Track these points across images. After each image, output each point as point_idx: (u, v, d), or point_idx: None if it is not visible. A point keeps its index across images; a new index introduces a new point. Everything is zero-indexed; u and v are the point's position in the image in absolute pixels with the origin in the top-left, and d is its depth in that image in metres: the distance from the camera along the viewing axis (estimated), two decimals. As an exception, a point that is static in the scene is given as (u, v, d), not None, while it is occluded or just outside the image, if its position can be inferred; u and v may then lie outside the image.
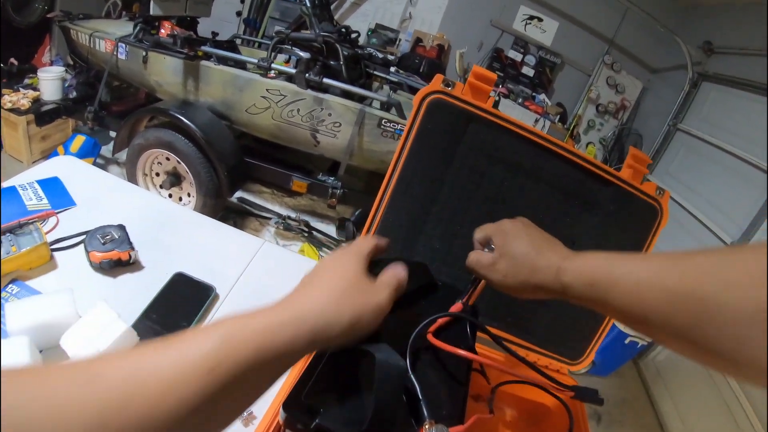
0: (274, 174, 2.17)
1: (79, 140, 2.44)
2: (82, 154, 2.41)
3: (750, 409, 1.95)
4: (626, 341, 2.28)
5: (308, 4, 2.17)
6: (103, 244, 0.79)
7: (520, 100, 3.09)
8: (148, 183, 2.22)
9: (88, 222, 0.85)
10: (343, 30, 2.28)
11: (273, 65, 2.01)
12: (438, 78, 0.68)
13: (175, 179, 2.14)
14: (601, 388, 0.64)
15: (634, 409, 2.40)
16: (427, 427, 0.38)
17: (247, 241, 1.00)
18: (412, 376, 0.42)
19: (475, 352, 0.50)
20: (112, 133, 2.62)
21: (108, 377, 0.26)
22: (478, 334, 0.56)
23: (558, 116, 3.18)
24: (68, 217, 0.88)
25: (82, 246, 0.82)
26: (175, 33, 2.26)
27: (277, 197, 2.50)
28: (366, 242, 0.44)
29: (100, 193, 0.97)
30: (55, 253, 0.80)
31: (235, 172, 2.06)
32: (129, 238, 0.82)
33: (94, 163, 2.46)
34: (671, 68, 3.35)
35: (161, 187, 2.18)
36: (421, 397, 0.40)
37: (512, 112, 3.01)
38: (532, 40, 3.31)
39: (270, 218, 2.31)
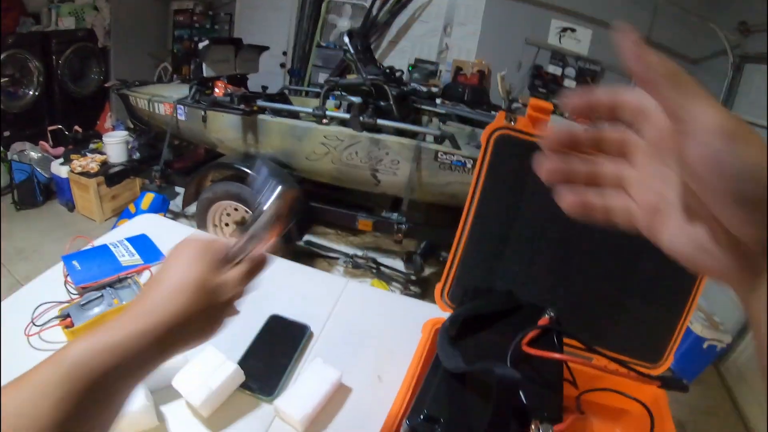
0: (340, 216, 2.24)
1: (149, 197, 2.60)
2: (152, 211, 2.57)
3: None
4: (704, 346, 2.20)
5: (352, 51, 2.29)
6: None
7: (567, 114, 3.08)
8: (218, 233, 2.34)
9: None
10: (388, 70, 2.38)
11: (328, 112, 2.11)
12: (501, 115, 0.74)
13: (245, 228, 2.23)
14: (682, 396, 0.64)
15: (719, 417, 2.31)
16: (533, 427, 0.43)
17: (332, 281, 1.06)
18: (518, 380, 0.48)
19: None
20: (177, 189, 2.79)
21: None
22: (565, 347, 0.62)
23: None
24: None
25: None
26: (230, 91, 2.42)
27: (342, 237, 2.58)
28: (204, 239, 0.43)
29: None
30: None
31: (300, 217, 2.15)
32: None
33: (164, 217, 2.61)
34: (711, 56, 3.28)
35: (232, 236, 2.28)
36: (525, 401, 0.46)
37: (560, 126, 3.00)
38: (568, 51, 3.33)
39: (338, 258, 2.38)
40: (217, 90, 2.54)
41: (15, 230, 2.58)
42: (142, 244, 1.00)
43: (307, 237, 2.38)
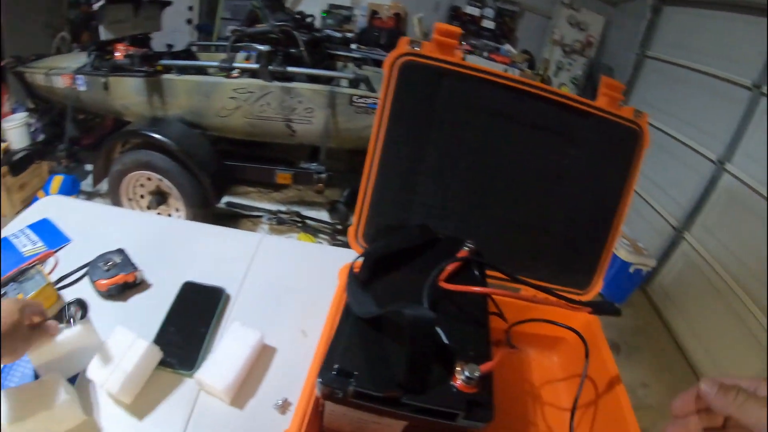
0: (257, 171, 2.16)
1: (57, 180, 2.41)
2: (63, 194, 2.39)
3: (759, 314, 2.00)
4: (631, 270, 2.31)
5: (258, -2, 2.14)
6: (107, 271, 0.80)
7: (485, 54, 3.08)
8: (134, 207, 2.21)
9: (87, 254, 0.86)
10: (298, 16, 2.25)
11: (235, 64, 1.98)
12: (403, 40, 0.69)
13: (160, 198, 2.13)
14: (613, 319, 0.66)
15: (650, 335, 2.46)
16: (459, 368, 0.40)
17: (246, 238, 1.01)
18: (436, 327, 0.44)
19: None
20: (89, 167, 2.59)
21: None
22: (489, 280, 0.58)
23: (526, 63, 3.18)
24: (66, 254, 0.90)
25: (86, 278, 0.83)
26: (131, 53, 2.23)
27: (264, 194, 2.51)
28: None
29: (91, 224, 0.98)
30: (62, 291, 0.81)
31: (217, 177, 2.05)
32: (131, 260, 0.83)
33: (77, 199, 2.44)
34: (630, -1, 3.33)
35: (148, 208, 2.17)
36: (447, 342, 0.42)
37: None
38: (486, -9, 3.28)
39: (261, 216, 2.31)
40: (117, 53, 2.33)
41: None
42: (45, 229, 0.94)
43: (227, 198, 2.29)
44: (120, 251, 0.85)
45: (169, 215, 2.18)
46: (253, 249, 0.97)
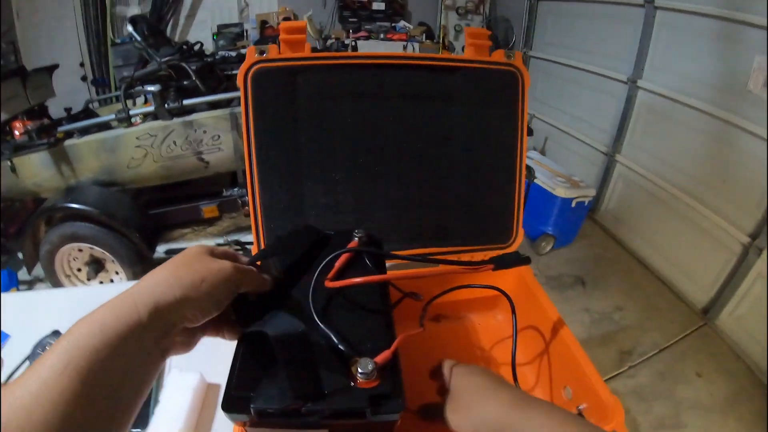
0: (183, 213, 2.12)
1: (-7, 278, 2.31)
2: (5, 290, 2.29)
3: (705, 209, 2.09)
4: (573, 205, 2.37)
5: (139, 38, 2.08)
6: None
7: (382, 36, 3.09)
8: (75, 282, 2.14)
9: (29, 344, 0.86)
10: (184, 47, 2.20)
11: (131, 112, 1.93)
12: (250, 50, 0.69)
13: (97, 266, 2.07)
14: (571, 255, 0.67)
15: (611, 260, 2.53)
16: (352, 367, 0.39)
17: None
18: (322, 326, 0.43)
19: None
20: (21, 255, 2.49)
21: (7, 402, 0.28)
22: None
23: (423, 35, 3.19)
24: (9, 350, 0.89)
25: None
26: (28, 128, 2.14)
27: (200, 232, 2.46)
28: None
29: (26, 314, 0.98)
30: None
31: (145, 230, 2.00)
32: None
33: (18, 291, 2.34)
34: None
35: (88, 279, 2.11)
36: (337, 341, 0.41)
37: (379, 49, 3.00)
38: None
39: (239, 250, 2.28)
40: (16, 132, 2.24)
41: None
42: None
43: (165, 246, 2.24)
44: (55, 333, 0.85)
45: (111, 280, 2.13)
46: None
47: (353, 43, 2.78)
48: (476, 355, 0.81)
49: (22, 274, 2.45)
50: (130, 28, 2.15)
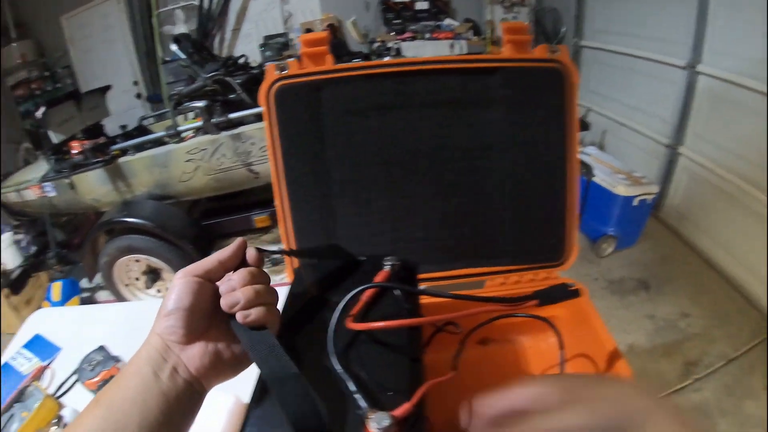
0: (235, 222, 2.17)
1: (57, 287, 2.43)
2: (66, 298, 2.41)
3: None
4: (635, 203, 2.23)
5: (183, 56, 2.14)
6: (92, 370, 0.86)
7: (427, 35, 3.03)
8: (134, 291, 2.22)
9: (78, 357, 0.91)
10: (229, 61, 2.24)
11: (179, 128, 1.98)
12: (269, 67, 0.66)
13: (154, 275, 2.14)
14: (635, 257, 0.59)
15: (678, 262, 2.36)
16: (366, 421, 0.35)
17: None
18: (341, 372, 0.39)
19: (418, 315, 0.47)
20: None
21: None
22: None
23: (470, 31, 3.11)
24: (59, 363, 0.94)
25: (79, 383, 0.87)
26: (84, 147, 2.25)
27: (255, 239, 2.49)
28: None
29: (76, 327, 1.03)
30: (63, 399, 0.85)
31: (198, 241, 2.05)
32: (111, 355, 0.88)
33: (81, 300, 2.46)
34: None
35: (146, 288, 2.19)
36: (354, 390, 0.38)
37: (425, 49, 2.95)
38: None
39: (267, 261, 2.30)
40: (74, 151, 2.36)
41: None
42: (37, 344, 1.00)
43: None
44: (101, 348, 0.90)
45: (167, 289, 2.19)
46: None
47: (398, 46, 2.74)
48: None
49: (84, 283, 2.58)
50: (174, 47, 2.21)
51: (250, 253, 0.41)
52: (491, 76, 0.67)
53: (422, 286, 0.52)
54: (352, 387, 0.38)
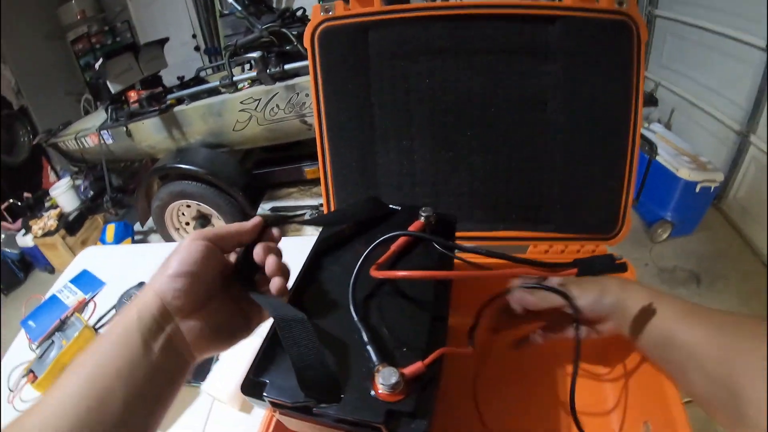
0: (286, 173, 2.20)
1: (111, 229, 2.56)
2: (119, 239, 2.53)
3: None
4: (697, 189, 2.08)
5: (239, 8, 2.14)
6: None
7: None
8: (184, 236, 2.29)
9: (120, 293, 0.97)
10: (287, 13, 2.23)
11: (235, 78, 2.00)
12: (315, 8, 0.63)
13: (204, 221, 2.21)
14: (689, 247, 0.53)
15: (733, 258, 2.20)
16: (375, 374, 0.33)
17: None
18: (357, 321, 0.38)
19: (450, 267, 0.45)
20: (138, 209, 2.73)
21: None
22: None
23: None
24: (102, 297, 1.01)
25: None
26: (141, 97, 2.32)
27: (305, 192, 2.51)
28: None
29: (122, 266, 1.08)
30: (101, 330, 0.90)
31: (248, 190, 2.10)
32: None
33: (133, 242, 2.58)
34: None
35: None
36: (367, 340, 0.36)
37: None
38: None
39: (304, 214, 2.32)
40: (131, 100, 2.43)
41: (10, 318, 2.46)
42: (84, 279, 1.06)
43: (271, 204, 2.32)
44: (141, 284, 0.94)
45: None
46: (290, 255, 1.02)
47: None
48: (548, 368, 0.66)
49: (138, 227, 2.69)
50: (230, -1, 2.21)
51: (277, 232, 0.42)
52: (551, 24, 0.61)
53: (459, 243, 0.49)
54: (365, 338, 0.37)
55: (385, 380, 0.33)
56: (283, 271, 0.39)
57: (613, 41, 0.61)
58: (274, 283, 0.37)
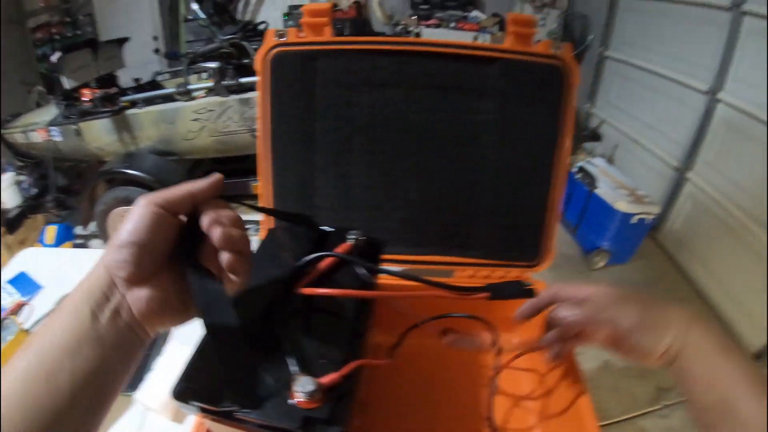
0: (233, 186, 2.16)
1: (51, 230, 2.45)
2: (59, 242, 2.42)
3: None
4: (633, 221, 2.20)
5: (203, 16, 2.13)
6: None
7: (452, 25, 2.99)
8: (125, 244, 2.23)
9: (58, 297, 0.95)
10: (249, 26, 2.23)
11: (190, 87, 1.98)
12: (269, 33, 0.66)
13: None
14: (625, 275, 0.58)
15: (667, 285, 2.33)
16: (292, 383, 0.35)
17: None
18: (280, 333, 0.40)
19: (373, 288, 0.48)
20: (81, 211, 2.63)
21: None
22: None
23: (496, 26, 3.07)
24: (39, 300, 0.97)
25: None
26: (94, 96, 2.25)
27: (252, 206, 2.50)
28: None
29: (61, 269, 1.06)
30: None
31: (195, 203, 2.05)
32: None
33: (73, 246, 2.48)
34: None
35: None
36: (287, 351, 0.38)
37: (448, 37, 2.91)
38: (441, -39, 3.18)
39: (249, 229, 2.31)
40: (84, 98, 2.36)
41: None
42: (21, 281, 1.03)
43: None
44: None
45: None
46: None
47: (418, 31, 2.71)
48: (463, 382, 0.69)
49: (79, 230, 2.59)
50: (195, 6, 2.21)
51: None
52: (490, 65, 0.66)
53: (386, 266, 0.52)
54: (286, 348, 0.39)
55: (302, 388, 0.35)
56: (235, 244, 0.33)
57: (545, 83, 0.66)
58: (223, 259, 0.33)
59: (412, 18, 2.85)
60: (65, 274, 0.98)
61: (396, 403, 0.64)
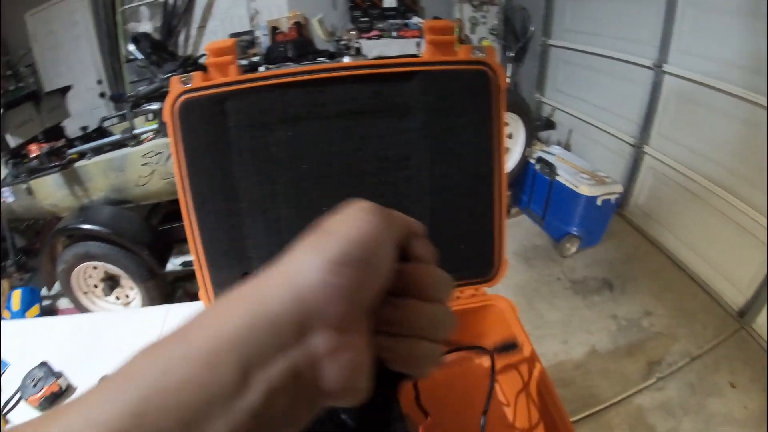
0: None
1: (16, 295, 2.37)
2: (26, 306, 2.35)
3: (743, 205, 1.92)
4: (598, 203, 2.24)
5: (141, 56, 2.09)
6: (34, 386, 0.85)
7: (394, 34, 3.00)
8: (92, 299, 2.17)
9: (24, 373, 0.91)
10: (189, 60, 2.19)
11: (135, 131, 1.94)
12: (173, 80, 0.63)
13: (111, 282, 2.10)
14: (598, 256, 0.57)
15: (642, 260, 2.38)
16: None
17: (180, 311, 1.01)
18: None
19: None
20: (45, 272, 2.55)
21: None
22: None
23: (439, 29, 3.09)
24: (8, 378, 0.93)
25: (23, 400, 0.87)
26: (40, 151, 2.19)
27: None
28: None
29: (27, 342, 1.02)
30: (9, 415, 0.85)
31: (155, 247, 2.01)
32: (53, 371, 0.88)
33: (41, 309, 2.41)
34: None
35: (106, 295, 2.14)
36: None
37: (391, 47, 2.92)
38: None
39: None
40: (32, 155, 2.29)
41: None
42: None
43: (180, 259, 2.25)
44: (42, 364, 0.89)
45: (127, 296, 2.15)
46: (161, 322, 0.98)
47: (358, 45, 2.70)
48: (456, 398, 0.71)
49: (46, 291, 2.52)
50: (131, 47, 2.16)
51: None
52: (407, 82, 0.63)
53: None
54: None
55: None
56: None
57: (471, 91, 0.64)
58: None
59: (352, 32, 2.85)
60: (31, 347, 0.98)
61: None
